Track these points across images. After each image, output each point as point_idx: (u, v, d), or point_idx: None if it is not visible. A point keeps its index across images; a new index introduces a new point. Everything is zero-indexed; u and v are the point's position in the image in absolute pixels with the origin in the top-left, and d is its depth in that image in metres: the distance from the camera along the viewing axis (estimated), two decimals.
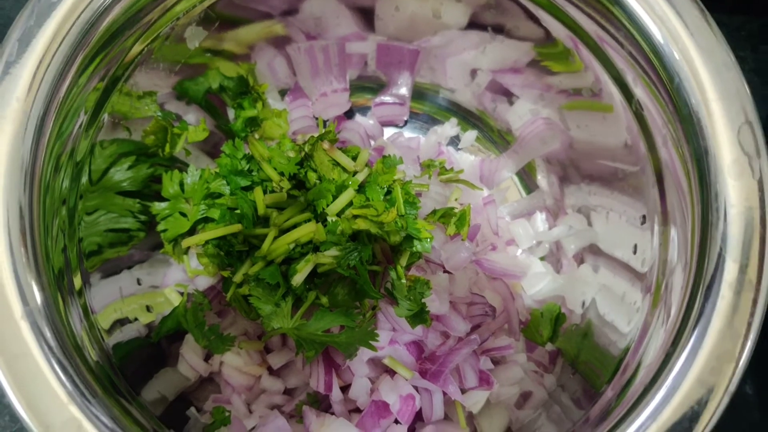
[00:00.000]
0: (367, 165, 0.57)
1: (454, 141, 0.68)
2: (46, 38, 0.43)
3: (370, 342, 0.52)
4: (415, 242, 0.54)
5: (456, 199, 0.62)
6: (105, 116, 0.49)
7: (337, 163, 0.57)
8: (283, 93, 0.65)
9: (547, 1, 0.49)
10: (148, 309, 0.57)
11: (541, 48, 0.57)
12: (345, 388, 0.55)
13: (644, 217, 0.51)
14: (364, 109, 0.69)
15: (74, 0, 0.43)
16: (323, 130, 0.60)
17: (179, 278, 0.59)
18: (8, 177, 0.40)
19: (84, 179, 0.49)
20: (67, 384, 0.39)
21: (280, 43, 0.61)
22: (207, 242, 0.54)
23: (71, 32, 0.43)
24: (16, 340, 0.37)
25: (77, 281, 0.48)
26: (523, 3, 0.52)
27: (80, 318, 0.46)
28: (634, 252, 0.52)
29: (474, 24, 0.59)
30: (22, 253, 0.40)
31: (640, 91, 0.47)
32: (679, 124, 0.44)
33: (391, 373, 0.55)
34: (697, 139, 0.42)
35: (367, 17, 0.61)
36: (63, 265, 0.46)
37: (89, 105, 0.47)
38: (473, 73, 0.65)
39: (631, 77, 0.47)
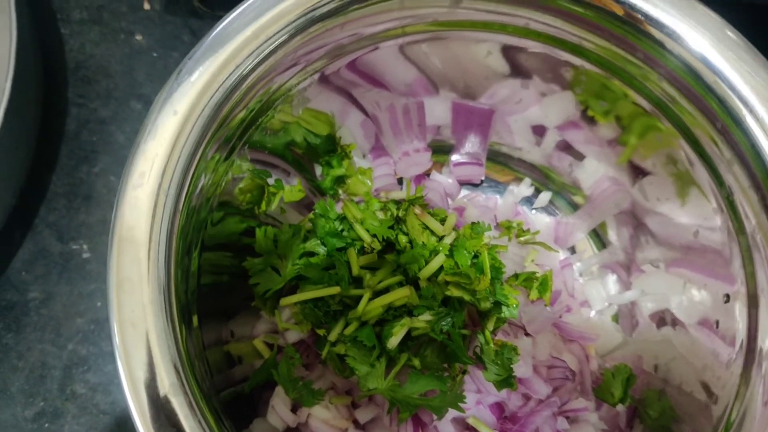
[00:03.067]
0: (454, 228, 0.60)
1: (527, 201, 0.70)
2: (181, 117, 0.45)
3: (459, 404, 0.54)
4: (503, 308, 0.57)
5: (532, 261, 0.64)
6: (227, 176, 0.52)
7: (426, 226, 0.59)
8: (363, 151, 0.68)
9: (657, 98, 0.51)
10: (240, 360, 0.60)
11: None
12: None
13: (727, 296, 0.53)
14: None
15: (208, 79, 0.46)
16: (410, 192, 0.63)
17: (267, 330, 0.62)
18: (153, 244, 0.43)
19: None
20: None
21: (357, 98, 0.64)
22: (305, 301, 0.56)
23: (204, 112, 0.46)
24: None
25: (195, 320, 0.50)
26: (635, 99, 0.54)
27: (195, 352, 0.48)
28: (716, 327, 0.54)
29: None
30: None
31: (731, 179, 0.49)
32: None
33: (473, 431, 0.57)
34: None
35: (424, 72, 0.63)
36: (185, 303, 0.48)
37: (209, 170, 0.50)
38: (540, 131, 0.67)
39: (724, 166, 0.49)
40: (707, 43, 0.46)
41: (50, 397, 0.63)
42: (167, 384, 0.40)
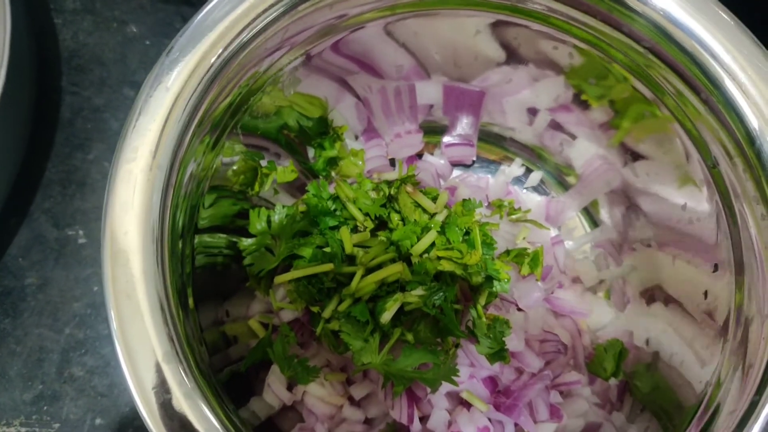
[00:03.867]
0: (445, 206, 0.60)
1: (518, 180, 0.71)
2: (173, 94, 0.46)
3: (452, 377, 0.55)
4: (495, 282, 0.57)
5: (524, 238, 0.65)
6: (218, 159, 0.53)
7: (418, 204, 0.60)
8: (355, 133, 0.69)
9: (634, 64, 0.52)
10: (236, 340, 0.60)
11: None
12: (422, 419, 0.58)
13: (716, 265, 0.54)
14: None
15: (199, 57, 0.47)
16: (402, 173, 0.63)
17: (262, 309, 0.62)
18: (145, 218, 0.43)
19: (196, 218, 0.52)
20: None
21: (348, 81, 0.64)
22: (299, 279, 0.57)
23: (196, 89, 0.46)
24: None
25: (191, 301, 0.51)
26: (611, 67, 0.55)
27: (193, 333, 0.48)
28: (705, 298, 0.55)
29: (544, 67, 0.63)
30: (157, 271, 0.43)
31: (716, 149, 0.50)
32: (754, 183, 0.47)
33: (467, 405, 0.58)
34: None
35: (414, 55, 0.64)
36: (180, 286, 0.48)
37: (199, 153, 0.51)
38: (532, 112, 0.67)
39: (709, 137, 0.50)
40: (686, 14, 0.47)
41: (48, 381, 0.64)
42: (161, 353, 0.41)
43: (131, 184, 0.43)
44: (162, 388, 0.40)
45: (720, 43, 0.45)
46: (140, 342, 0.41)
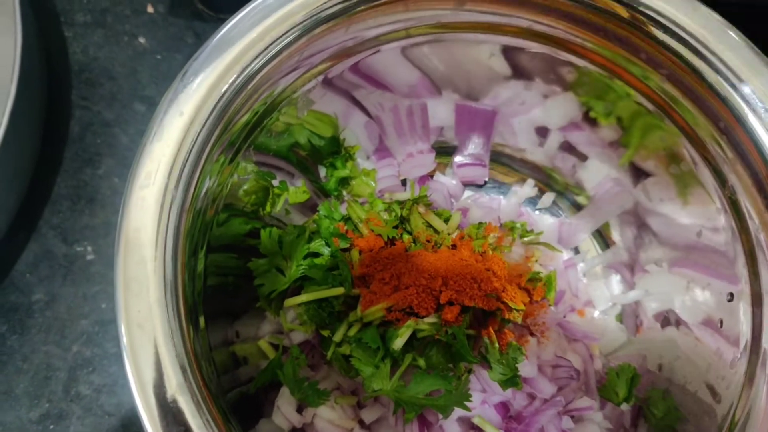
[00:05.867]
0: (458, 227, 0.60)
1: (530, 201, 0.71)
2: (187, 118, 0.45)
3: (464, 403, 0.54)
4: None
5: (536, 261, 0.64)
6: (232, 178, 0.52)
7: (430, 225, 0.59)
8: (366, 152, 0.68)
9: (659, 99, 0.52)
10: (245, 360, 0.60)
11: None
12: None
13: (732, 294, 0.53)
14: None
15: (213, 80, 0.46)
16: (414, 193, 0.63)
17: (272, 330, 0.62)
18: (159, 243, 0.43)
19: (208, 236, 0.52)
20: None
21: (360, 99, 0.64)
22: (309, 302, 0.56)
23: (210, 113, 0.46)
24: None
25: (202, 321, 0.50)
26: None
27: (202, 353, 0.48)
28: (720, 326, 0.54)
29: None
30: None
31: (734, 179, 0.50)
32: None
33: (478, 431, 0.57)
34: None
35: (426, 73, 0.63)
36: (192, 304, 0.48)
37: (214, 172, 0.50)
38: (543, 132, 0.67)
39: (727, 166, 0.50)
40: (709, 44, 0.46)
41: (55, 399, 0.64)
42: (174, 384, 0.40)
43: (145, 210, 0.43)
44: (176, 421, 0.40)
45: (742, 74, 0.44)
46: (153, 373, 0.40)
